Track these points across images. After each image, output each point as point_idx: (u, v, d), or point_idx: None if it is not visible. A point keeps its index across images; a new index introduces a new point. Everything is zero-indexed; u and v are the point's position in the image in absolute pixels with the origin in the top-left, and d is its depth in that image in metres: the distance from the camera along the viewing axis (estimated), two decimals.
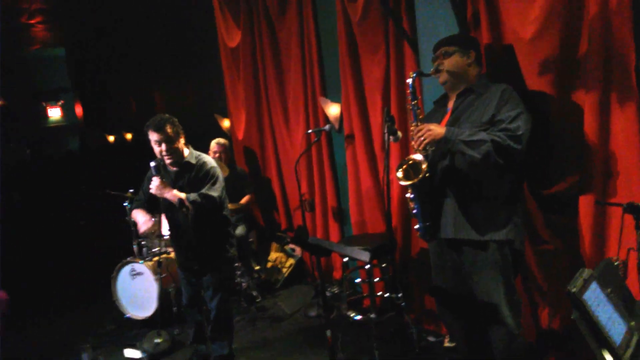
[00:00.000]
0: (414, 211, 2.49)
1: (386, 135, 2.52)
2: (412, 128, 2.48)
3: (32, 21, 9.74)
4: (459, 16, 2.93)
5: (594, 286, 1.63)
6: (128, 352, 3.65)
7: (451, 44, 2.52)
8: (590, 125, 2.46)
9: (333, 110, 4.27)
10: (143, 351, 3.57)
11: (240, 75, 5.47)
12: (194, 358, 3.56)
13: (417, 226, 2.52)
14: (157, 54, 8.44)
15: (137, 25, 8.41)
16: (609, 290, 1.68)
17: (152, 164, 3.09)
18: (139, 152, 3.22)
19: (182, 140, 3.15)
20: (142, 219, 3.17)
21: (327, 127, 4.22)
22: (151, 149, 3.15)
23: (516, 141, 2.26)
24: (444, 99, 2.68)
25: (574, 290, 1.52)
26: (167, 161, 3.12)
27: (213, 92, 6.38)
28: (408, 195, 2.50)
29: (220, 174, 3.22)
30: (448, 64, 2.51)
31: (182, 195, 3.03)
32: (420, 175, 2.35)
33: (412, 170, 2.42)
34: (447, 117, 2.54)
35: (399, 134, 2.69)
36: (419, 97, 2.59)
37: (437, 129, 2.36)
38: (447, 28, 2.97)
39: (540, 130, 2.53)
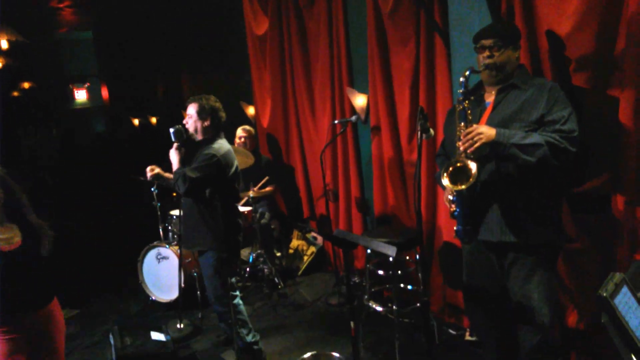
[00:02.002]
0: (455, 213, 2.43)
1: (419, 132, 2.44)
2: (459, 129, 2.36)
3: (61, 5, 9.88)
4: (493, 9, 2.89)
5: (624, 290, 1.62)
6: (154, 335, 3.75)
7: (502, 36, 2.38)
8: (624, 123, 2.42)
9: (360, 101, 4.26)
10: (167, 335, 3.66)
11: (266, 63, 5.48)
12: (221, 338, 3.68)
13: (456, 227, 2.46)
14: (184, 39, 8.48)
15: (166, 10, 8.46)
16: (639, 294, 1.67)
17: (172, 129, 3.18)
18: (165, 136, 3.24)
19: (205, 123, 3.17)
20: None
21: (353, 117, 4.22)
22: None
23: (572, 143, 2.20)
24: (478, 92, 2.54)
25: (605, 294, 1.51)
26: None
27: (239, 79, 6.41)
28: (449, 196, 2.45)
29: (219, 163, 3.08)
30: (499, 57, 2.37)
31: (174, 165, 3.12)
32: (471, 180, 2.24)
33: (458, 174, 2.31)
34: (487, 114, 2.43)
35: (432, 131, 2.63)
36: (472, 97, 2.45)
37: (488, 132, 2.24)
38: (480, 21, 2.93)
39: None
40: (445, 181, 2.32)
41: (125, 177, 5.03)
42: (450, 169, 2.33)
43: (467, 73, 2.33)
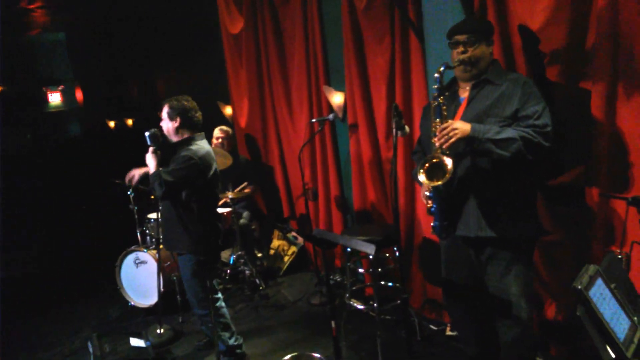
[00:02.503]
0: (432, 209, 2.43)
1: (394, 130, 2.44)
2: (434, 125, 2.36)
3: (32, 6, 9.65)
4: (466, 5, 2.90)
5: (599, 282, 1.63)
6: (133, 341, 3.69)
7: (476, 31, 2.38)
8: (596, 116, 2.45)
9: (337, 99, 4.25)
10: (147, 340, 3.60)
11: (242, 63, 5.44)
12: (203, 342, 3.65)
13: (433, 224, 2.46)
14: (159, 39, 8.37)
15: (139, 10, 8.33)
16: (613, 285, 1.69)
17: (147, 133, 3.12)
18: (141, 138, 3.18)
19: (174, 124, 3.12)
20: None
21: (330, 116, 4.20)
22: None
23: (546, 138, 2.21)
24: (452, 87, 2.55)
25: (580, 286, 1.53)
26: None
27: (216, 78, 6.34)
28: (426, 193, 2.45)
29: (197, 166, 3.02)
30: (473, 53, 2.37)
31: (151, 169, 3.07)
32: (447, 176, 2.24)
33: (434, 170, 2.31)
34: (461, 109, 2.44)
35: (407, 129, 2.64)
36: (446, 93, 2.44)
37: (463, 127, 2.25)
38: (453, 17, 2.94)
39: None
40: (422, 177, 2.32)
41: (101, 181, 4.95)
42: (427, 165, 2.33)
43: (442, 69, 2.33)
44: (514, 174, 2.32)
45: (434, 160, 2.32)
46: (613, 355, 1.52)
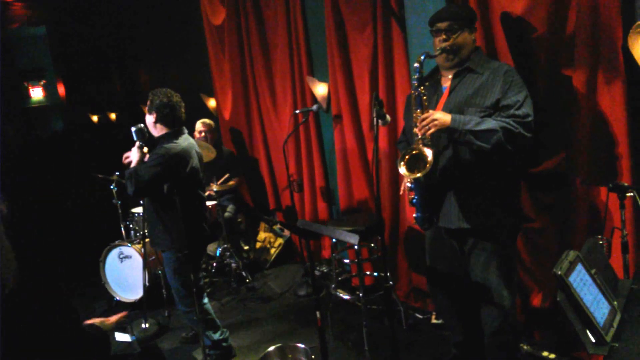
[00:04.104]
0: (414, 200, 2.42)
1: (375, 119, 2.41)
2: (415, 115, 2.35)
3: None
4: None
5: (579, 268, 1.64)
6: (119, 336, 3.65)
7: (458, 18, 2.34)
8: (577, 103, 2.47)
9: (320, 89, 4.23)
10: (132, 335, 3.57)
11: (225, 54, 5.38)
12: (189, 335, 3.64)
13: (415, 215, 2.47)
14: (140, 31, 8.26)
15: (120, 3, 8.22)
16: (593, 271, 1.70)
17: (133, 128, 3.06)
18: (124, 132, 3.14)
19: (151, 118, 3.06)
20: None
21: (314, 107, 4.18)
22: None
23: (527, 128, 2.20)
24: (434, 76, 2.51)
25: (559, 272, 1.53)
26: None
27: (199, 71, 6.28)
28: (407, 184, 2.45)
29: (169, 163, 2.94)
30: (455, 40, 2.33)
31: (132, 165, 3.02)
32: (428, 167, 2.23)
33: (415, 161, 2.30)
34: (443, 99, 2.42)
35: (388, 118, 2.63)
36: (427, 83, 2.40)
37: (443, 118, 2.24)
38: (435, 5, 2.92)
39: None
40: (402, 169, 2.31)
41: (84, 176, 4.89)
42: (407, 157, 2.32)
43: (422, 58, 2.30)
44: (494, 164, 2.31)
45: (414, 152, 2.31)
46: (593, 340, 1.53)
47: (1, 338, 1.38)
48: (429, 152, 2.26)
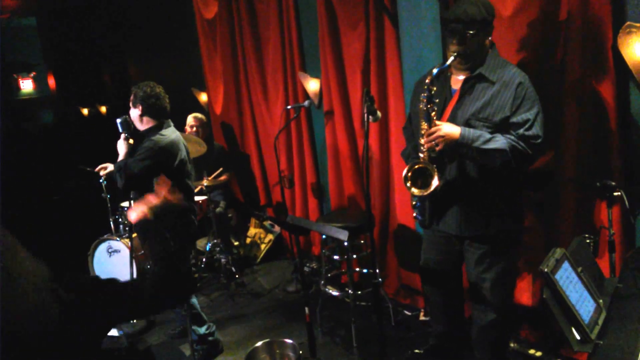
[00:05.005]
0: (417, 204, 2.45)
1: (365, 115, 2.40)
2: (422, 127, 2.29)
3: None
4: None
5: (565, 265, 1.66)
6: None
7: (477, 21, 2.15)
8: (566, 102, 2.48)
9: (312, 85, 4.22)
10: (120, 329, 3.56)
11: (217, 48, 5.35)
12: (177, 330, 3.63)
13: (416, 216, 2.49)
14: (132, 24, 8.18)
15: None
16: (580, 269, 1.71)
17: (118, 120, 3.04)
18: (114, 125, 3.11)
19: (137, 111, 3.03)
20: None
21: (306, 102, 4.16)
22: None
23: (535, 150, 2.17)
24: (444, 74, 2.36)
25: (546, 269, 1.54)
26: None
27: (191, 65, 6.23)
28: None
29: (158, 156, 2.94)
30: (471, 45, 2.20)
31: (119, 157, 3.01)
32: (431, 189, 2.23)
33: (419, 175, 2.28)
34: (452, 103, 2.33)
35: (379, 114, 2.62)
36: (437, 100, 2.32)
37: (451, 133, 2.18)
38: (427, 3, 2.93)
39: None
40: (413, 189, 2.30)
41: (73, 169, 4.84)
42: (410, 173, 2.30)
43: (434, 72, 2.22)
44: (497, 175, 2.28)
45: (418, 166, 2.29)
46: (578, 337, 1.54)
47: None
48: (435, 178, 2.24)
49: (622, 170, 2.37)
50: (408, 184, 2.30)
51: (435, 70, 2.23)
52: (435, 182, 2.24)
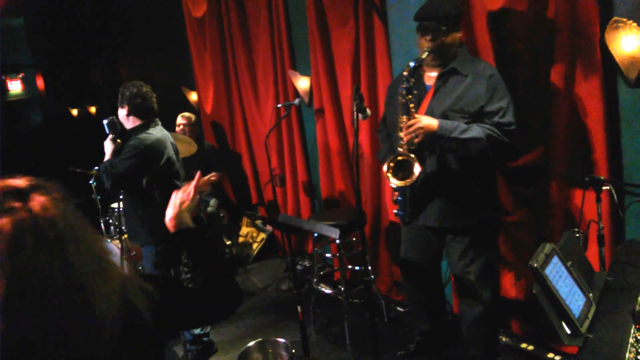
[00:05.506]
0: (398, 199, 2.46)
1: (355, 113, 2.41)
2: (401, 119, 2.34)
3: None
4: None
5: (555, 260, 1.66)
6: None
7: (447, 18, 2.26)
8: (555, 98, 2.49)
9: (302, 83, 4.21)
10: None
11: (207, 47, 5.32)
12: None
13: (396, 211, 2.50)
14: (121, 24, 8.13)
15: None
16: (569, 263, 1.72)
17: (105, 121, 3.01)
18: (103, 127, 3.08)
19: (123, 111, 3.00)
20: None
21: (296, 101, 4.16)
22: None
23: (509, 137, 2.25)
24: (417, 71, 2.40)
25: (535, 265, 1.55)
26: None
27: (180, 64, 6.20)
28: (392, 185, 2.44)
29: (143, 155, 2.90)
30: (442, 41, 2.28)
31: (105, 157, 2.98)
32: (413, 178, 2.27)
33: (401, 167, 2.31)
34: (427, 99, 2.40)
35: (368, 111, 2.63)
36: (415, 92, 2.37)
37: (430, 125, 2.24)
38: (415, 0, 2.93)
39: None
40: (393, 180, 2.33)
41: (63, 170, 4.80)
42: (392, 164, 2.33)
43: (411, 65, 2.27)
44: (477, 166, 2.34)
45: (400, 158, 2.32)
46: (568, 331, 1.55)
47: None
48: (416, 166, 2.28)
49: (610, 165, 2.39)
50: (390, 177, 2.33)
51: (412, 63, 2.28)
52: (417, 169, 2.27)
